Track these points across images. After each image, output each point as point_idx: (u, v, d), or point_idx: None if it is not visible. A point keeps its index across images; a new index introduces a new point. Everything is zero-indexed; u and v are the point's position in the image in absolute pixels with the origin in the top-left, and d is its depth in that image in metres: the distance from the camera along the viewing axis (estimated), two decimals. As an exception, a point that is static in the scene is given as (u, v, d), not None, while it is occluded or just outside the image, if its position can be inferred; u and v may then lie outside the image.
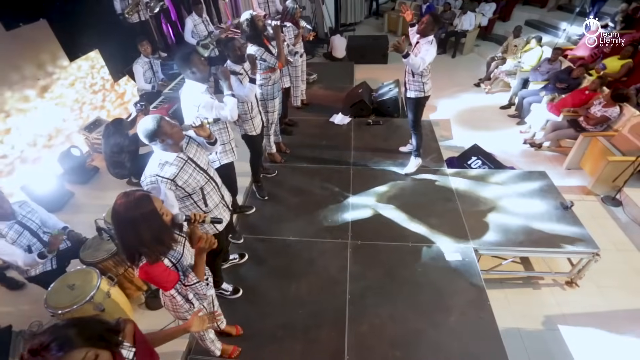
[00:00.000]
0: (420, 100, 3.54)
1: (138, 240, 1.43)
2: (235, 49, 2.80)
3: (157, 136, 1.80)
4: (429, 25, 3.16)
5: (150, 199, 1.45)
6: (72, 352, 0.90)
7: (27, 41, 3.92)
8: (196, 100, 2.41)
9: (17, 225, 2.32)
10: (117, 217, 1.43)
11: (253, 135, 3.21)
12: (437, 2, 8.91)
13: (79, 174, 4.20)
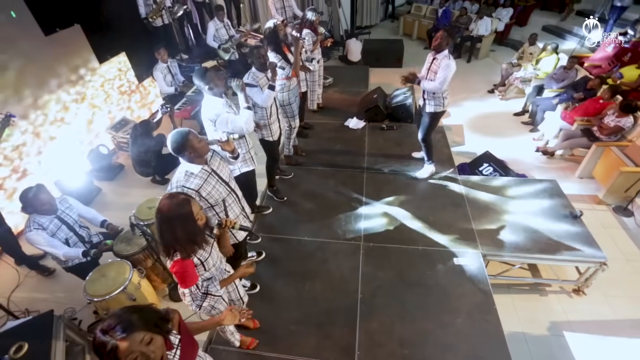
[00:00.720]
0: (438, 115, 3.65)
1: (173, 237, 1.60)
2: (259, 57, 2.94)
3: (185, 150, 1.92)
4: (443, 40, 3.24)
5: (190, 203, 1.62)
6: (133, 334, 1.07)
7: (62, 45, 4.17)
8: (212, 116, 2.52)
9: (57, 219, 2.54)
10: (160, 215, 1.60)
11: (270, 141, 3.34)
12: (453, 7, 8.91)
13: (106, 171, 4.45)
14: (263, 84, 3.00)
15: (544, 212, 3.62)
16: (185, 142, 1.91)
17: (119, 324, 1.06)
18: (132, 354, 1.05)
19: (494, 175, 4.45)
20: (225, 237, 1.85)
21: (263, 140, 3.37)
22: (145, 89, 5.70)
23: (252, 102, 3.03)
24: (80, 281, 2.90)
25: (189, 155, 1.95)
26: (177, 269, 1.66)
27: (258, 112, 3.12)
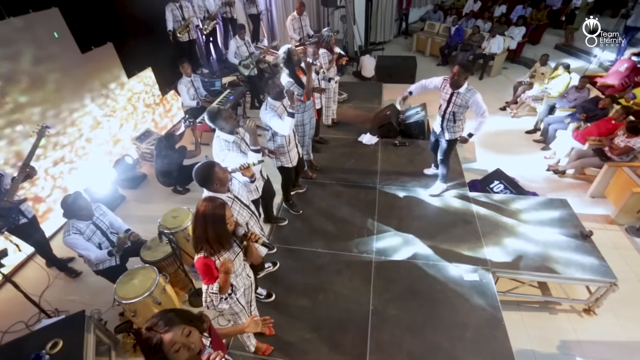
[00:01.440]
0: (455, 142, 3.77)
1: (204, 234, 1.80)
2: (275, 86, 3.08)
3: (212, 183, 2.10)
4: (461, 76, 3.32)
5: (224, 208, 1.81)
6: (174, 327, 1.23)
7: (96, 61, 4.48)
8: (221, 155, 2.65)
9: (92, 225, 2.74)
10: (197, 213, 1.81)
11: (289, 167, 3.47)
12: (466, 25, 9.09)
13: (130, 179, 4.68)
14: (280, 112, 3.14)
15: (554, 230, 3.67)
16: (212, 175, 2.07)
17: (160, 320, 1.22)
18: (175, 345, 1.21)
19: (505, 192, 4.52)
20: (252, 248, 2.02)
21: (282, 168, 3.49)
22: (168, 102, 5.99)
23: (272, 131, 3.19)
24: (105, 284, 3.10)
25: (215, 186, 2.11)
26: (199, 264, 1.84)
27: (277, 140, 3.27)
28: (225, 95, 5.18)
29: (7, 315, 3.22)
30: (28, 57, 3.64)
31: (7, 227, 2.95)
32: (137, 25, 5.14)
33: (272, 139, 3.32)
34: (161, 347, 1.20)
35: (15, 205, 2.99)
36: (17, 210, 3.01)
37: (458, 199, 4.14)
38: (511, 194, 4.47)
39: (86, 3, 4.28)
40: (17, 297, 3.28)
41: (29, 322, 3.13)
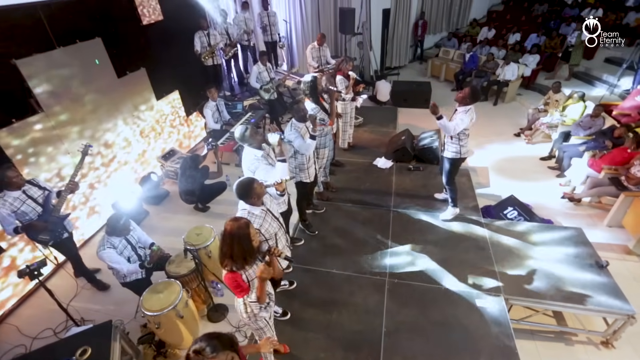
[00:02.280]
0: (456, 162, 3.88)
1: (230, 252, 1.95)
2: (299, 111, 3.37)
3: (251, 197, 2.33)
4: (466, 97, 3.56)
5: (249, 226, 1.97)
6: (219, 353, 1.35)
7: (130, 85, 4.83)
8: (252, 167, 2.93)
9: (124, 240, 2.93)
10: (224, 231, 1.97)
11: (307, 182, 3.69)
12: (481, 52, 9.29)
13: (154, 196, 4.92)
14: (303, 132, 3.40)
15: (569, 259, 3.68)
16: (251, 190, 2.30)
17: (208, 346, 1.35)
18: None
19: (519, 219, 4.54)
20: (274, 263, 2.16)
21: (300, 183, 3.71)
22: (192, 123, 6.31)
23: (295, 150, 3.41)
24: (127, 296, 3.28)
25: (253, 200, 2.33)
26: (228, 279, 1.99)
27: (298, 157, 3.50)
28: (247, 118, 5.45)
29: (36, 322, 3.41)
30: (71, 81, 3.99)
31: (52, 241, 3.18)
32: (166, 51, 5.51)
33: (294, 156, 3.54)
34: None
35: (61, 220, 3.23)
36: (61, 224, 3.24)
37: (471, 224, 4.19)
38: (525, 221, 4.49)
39: (124, 33, 4.67)
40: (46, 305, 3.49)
41: (57, 329, 3.31)
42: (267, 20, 7.45)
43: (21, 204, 2.98)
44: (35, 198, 3.08)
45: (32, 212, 3.04)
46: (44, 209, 3.11)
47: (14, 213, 2.94)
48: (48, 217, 3.10)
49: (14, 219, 2.94)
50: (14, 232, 2.95)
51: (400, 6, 9.54)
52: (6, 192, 2.94)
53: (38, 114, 3.65)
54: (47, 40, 3.73)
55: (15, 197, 2.97)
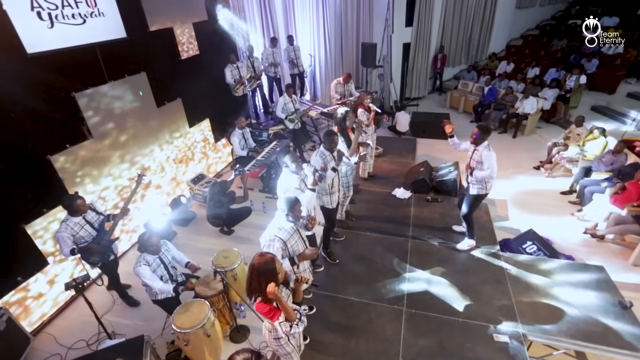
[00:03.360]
0: (480, 197, 4.00)
1: (259, 286, 2.10)
2: (332, 142, 3.58)
3: (293, 212, 2.62)
4: (479, 137, 3.73)
5: (274, 262, 2.13)
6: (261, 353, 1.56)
7: (167, 114, 5.25)
8: (285, 190, 3.26)
9: (158, 259, 3.16)
10: (252, 268, 2.14)
11: (330, 208, 3.88)
12: (499, 85, 9.47)
13: (183, 218, 5.20)
14: (329, 160, 3.61)
15: (591, 298, 3.65)
16: (296, 207, 2.63)
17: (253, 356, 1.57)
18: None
19: (538, 254, 4.53)
20: (299, 290, 2.32)
21: (324, 208, 3.91)
22: (219, 150, 6.69)
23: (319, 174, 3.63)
24: (155, 313, 3.47)
25: (292, 215, 2.63)
26: (260, 308, 2.14)
27: (322, 182, 3.69)
28: (272, 147, 5.75)
29: (70, 333, 3.63)
30: (118, 110, 4.41)
31: (101, 263, 3.45)
32: (200, 82, 5.96)
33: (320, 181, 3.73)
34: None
35: (110, 243, 3.52)
36: (110, 247, 3.54)
37: (489, 257, 4.23)
38: (545, 256, 4.48)
39: (165, 67, 5.14)
40: (79, 317, 3.73)
41: (89, 341, 3.51)
42: (294, 54, 7.95)
43: (80, 228, 3.30)
44: (92, 223, 3.40)
45: (87, 235, 3.35)
46: (98, 233, 3.41)
47: (73, 237, 3.25)
48: (101, 240, 3.40)
49: (72, 241, 3.24)
50: (70, 253, 3.24)
51: (420, 41, 9.95)
52: (70, 217, 3.26)
53: (88, 140, 4.04)
54: (101, 75, 4.18)
55: (76, 222, 3.28)
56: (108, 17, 4.15)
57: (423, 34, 9.87)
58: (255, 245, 3.95)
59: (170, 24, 5.19)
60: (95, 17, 3.99)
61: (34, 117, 3.49)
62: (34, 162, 3.56)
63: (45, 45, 3.54)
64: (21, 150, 3.44)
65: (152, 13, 4.81)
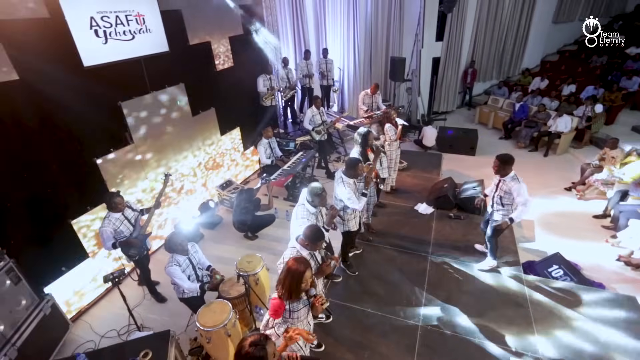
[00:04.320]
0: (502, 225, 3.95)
1: (283, 280, 2.31)
2: (357, 170, 3.62)
3: (312, 243, 2.73)
4: (501, 168, 3.69)
5: (306, 270, 2.32)
6: (270, 342, 1.72)
7: (201, 122, 5.57)
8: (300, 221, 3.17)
9: (187, 260, 3.38)
10: (288, 265, 2.35)
11: (352, 231, 3.96)
12: (532, 102, 9.24)
13: (210, 222, 5.47)
14: (353, 188, 3.66)
15: (619, 331, 3.49)
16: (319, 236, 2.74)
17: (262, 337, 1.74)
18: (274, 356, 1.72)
19: (565, 279, 4.39)
20: (315, 307, 2.45)
21: (347, 232, 3.98)
22: (248, 158, 6.97)
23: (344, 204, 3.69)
24: (181, 310, 3.69)
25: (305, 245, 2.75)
26: (273, 302, 2.36)
27: (349, 210, 3.76)
28: (298, 157, 5.94)
29: (104, 322, 3.93)
30: (157, 118, 4.76)
31: (138, 256, 3.77)
32: (232, 92, 6.28)
33: (344, 209, 3.81)
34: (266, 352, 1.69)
35: (145, 238, 3.83)
36: (145, 242, 3.84)
37: (511, 279, 4.16)
38: (572, 282, 4.33)
39: (201, 78, 5.48)
40: (112, 309, 4.02)
41: (120, 331, 3.78)
42: (325, 66, 8.18)
43: (120, 223, 3.62)
44: (129, 219, 3.72)
45: (126, 230, 3.67)
46: (134, 228, 3.73)
47: (115, 231, 3.57)
48: (138, 234, 3.71)
49: (113, 236, 3.57)
50: (112, 247, 3.57)
51: (451, 55, 9.92)
52: (110, 213, 3.59)
53: (129, 145, 4.39)
54: (144, 86, 4.54)
55: (117, 218, 3.61)
56: (154, 33, 4.52)
57: (453, 49, 9.83)
58: (277, 251, 4.12)
59: (208, 38, 5.55)
60: (143, 33, 4.36)
61: (85, 123, 3.86)
62: (83, 163, 3.92)
63: (99, 59, 3.92)
64: (73, 152, 3.81)
65: (192, 29, 5.18)
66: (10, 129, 3.30)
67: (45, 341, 3.41)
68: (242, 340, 1.75)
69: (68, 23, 3.58)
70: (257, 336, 1.73)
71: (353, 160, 3.71)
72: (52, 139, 3.61)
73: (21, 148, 3.40)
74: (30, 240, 3.54)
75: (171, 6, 4.77)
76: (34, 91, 3.39)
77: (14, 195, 3.38)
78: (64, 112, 3.65)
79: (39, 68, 3.40)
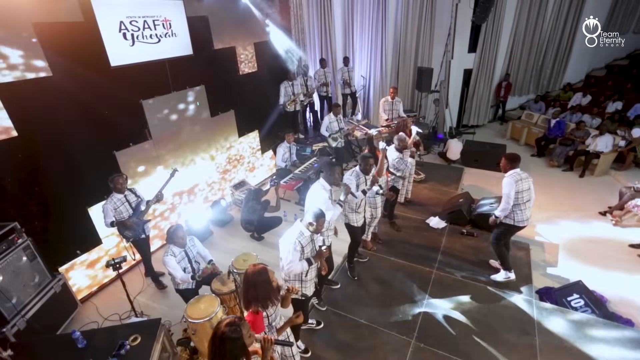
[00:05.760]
0: (510, 229, 3.74)
1: (255, 295, 2.25)
2: (367, 164, 3.73)
3: (315, 224, 2.79)
4: (505, 165, 3.73)
5: (267, 272, 2.28)
6: (244, 322, 1.77)
7: (219, 124, 5.79)
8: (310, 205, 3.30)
9: (184, 252, 3.50)
10: (246, 278, 2.29)
11: (354, 226, 3.94)
12: (570, 118, 8.65)
13: (221, 219, 5.62)
14: (361, 182, 3.75)
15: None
16: (320, 220, 2.79)
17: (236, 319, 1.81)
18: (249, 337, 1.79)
19: (585, 311, 4.01)
20: (287, 298, 2.43)
21: (349, 225, 3.98)
22: (265, 160, 7.11)
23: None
24: (180, 303, 3.77)
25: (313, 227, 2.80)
26: (250, 319, 2.27)
27: (352, 199, 3.76)
28: (311, 162, 5.97)
29: (110, 306, 4.13)
30: (176, 117, 5.01)
31: (133, 238, 4.00)
32: (253, 96, 6.46)
33: (346, 199, 3.78)
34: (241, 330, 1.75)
35: (143, 223, 4.05)
36: (142, 227, 4.05)
37: (520, 303, 3.88)
38: (593, 314, 3.95)
39: (223, 81, 5.70)
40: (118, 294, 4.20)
41: (122, 315, 3.97)
42: (347, 74, 8.21)
43: (121, 204, 3.89)
44: (130, 202, 3.97)
45: (125, 212, 3.92)
46: (134, 212, 3.97)
47: (114, 210, 3.83)
48: (135, 219, 3.93)
49: (113, 214, 3.83)
50: (110, 224, 3.85)
51: (483, 67, 9.57)
52: (114, 193, 3.86)
53: (147, 141, 4.65)
54: (167, 86, 4.81)
55: (118, 199, 3.88)
56: (179, 37, 4.79)
57: (487, 61, 9.49)
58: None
59: (233, 43, 5.79)
60: (168, 37, 4.64)
61: (108, 117, 4.14)
62: (102, 155, 4.21)
63: (126, 60, 4.21)
64: (94, 144, 4.09)
65: (218, 34, 5.43)
66: (43, 120, 3.62)
67: (53, 317, 3.65)
68: (219, 323, 1.80)
69: (99, 26, 3.90)
70: (233, 318, 1.79)
71: (366, 155, 3.85)
72: (78, 130, 3.91)
73: (51, 137, 3.71)
74: (50, 222, 3.82)
75: (198, 12, 5.05)
76: (65, 87, 3.70)
77: (42, 179, 3.68)
78: (90, 106, 3.94)
79: (70, 66, 3.72)
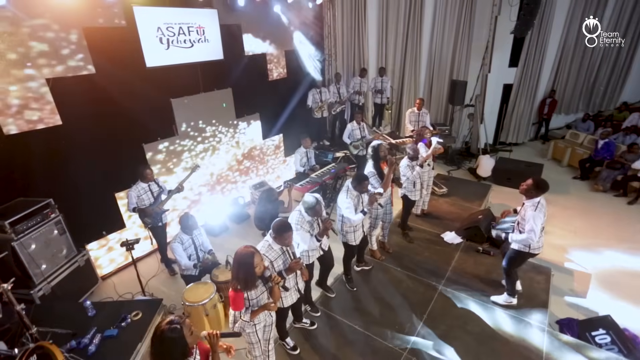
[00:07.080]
0: (523, 255, 3.52)
1: (236, 274, 2.37)
2: (363, 187, 3.59)
3: (281, 238, 2.78)
4: (529, 189, 3.35)
5: (253, 255, 2.37)
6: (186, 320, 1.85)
7: (243, 125, 6.06)
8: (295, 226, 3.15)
9: (191, 240, 3.72)
10: (235, 256, 2.42)
11: (352, 245, 3.87)
12: (622, 140, 7.90)
13: (238, 216, 5.85)
14: (356, 201, 3.67)
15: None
16: (284, 235, 2.75)
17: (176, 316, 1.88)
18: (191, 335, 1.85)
19: (610, 349, 3.61)
20: (275, 290, 2.50)
21: (346, 244, 3.92)
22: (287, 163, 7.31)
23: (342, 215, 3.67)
24: (186, 288, 3.99)
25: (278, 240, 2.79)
26: (231, 295, 2.41)
27: (346, 221, 3.69)
28: (328, 168, 6.03)
29: (127, 285, 4.45)
30: (202, 116, 5.36)
31: (152, 225, 4.31)
32: (281, 101, 6.72)
33: (342, 219, 3.76)
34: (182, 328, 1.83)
35: (161, 212, 4.34)
36: (160, 215, 4.34)
37: (530, 330, 3.59)
38: (619, 353, 3.54)
39: (252, 85, 6.00)
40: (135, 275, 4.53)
41: (135, 294, 4.26)
42: (381, 85, 8.23)
43: (144, 192, 4.21)
44: (153, 192, 4.28)
45: (147, 200, 4.23)
46: (155, 201, 4.27)
47: (137, 197, 4.16)
48: (154, 207, 4.23)
49: (136, 201, 4.16)
50: (132, 210, 4.19)
51: (525, 83, 9.09)
52: (139, 181, 4.20)
53: (174, 136, 5.02)
54: (197, 87, 5.18)
55: (142, 187, 4.21)
56: (211, 43, 5.16)
57: (529, 76, 9.00)
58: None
59: (264, 50, 6.12)
60: (201, 42, 5.02)
61: (141, 112, 4.55)
62: (132, 146, 4.62)
63: (160, 62, 4.62)
64: (126, 136, 4.51)
65: (250, 41, 5.78)
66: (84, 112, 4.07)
67: (75, 287, 4.02)
68: (159, 322, 1.90)
69: (139, 31, 4.33)
70: (174, 317, 1.87)
71: (362, 176, 3.68)
72: (113, 123, 4.34)
73: (89, 127, 4.16)
74: (81, 203, 4.25)
75: (232, 21, 5.41)
76: (104, 83, 4.16)
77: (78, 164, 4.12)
78: (125, 102, 4.36)
79: (111, 65, 4.17)
